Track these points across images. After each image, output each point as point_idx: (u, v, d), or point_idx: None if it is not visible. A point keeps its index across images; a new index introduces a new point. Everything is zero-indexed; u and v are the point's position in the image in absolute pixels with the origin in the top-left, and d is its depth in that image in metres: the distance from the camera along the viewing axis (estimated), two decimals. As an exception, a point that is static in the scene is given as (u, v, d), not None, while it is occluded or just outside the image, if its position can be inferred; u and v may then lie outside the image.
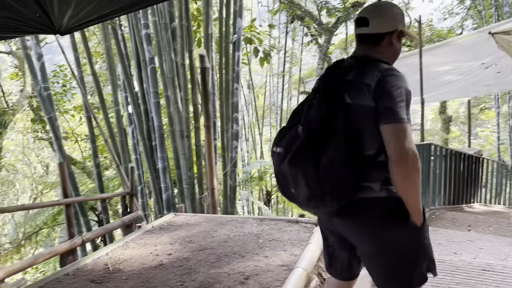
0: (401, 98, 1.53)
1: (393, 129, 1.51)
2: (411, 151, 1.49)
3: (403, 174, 1.52)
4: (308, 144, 1.60)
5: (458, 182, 7.60)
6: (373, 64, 1.64)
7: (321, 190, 1.57)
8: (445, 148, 7.05)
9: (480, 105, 31.63)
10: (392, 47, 1.73)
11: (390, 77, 1.57)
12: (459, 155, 7.58)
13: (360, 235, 1.70)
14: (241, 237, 3.12)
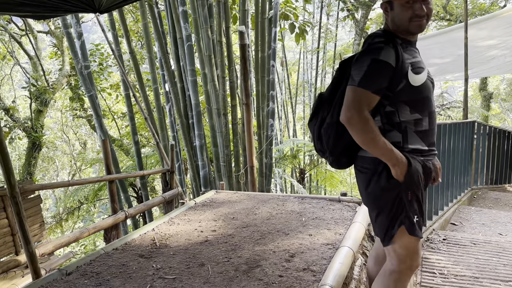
0: (363, 64, 1.72)
1: (346, 92, 1.75)
2: (354, 113, 1.69)
3: (352, 133, 1.75)
4: (316, 108, 1.98)
5: (502, 161, 7.35)
6: (371, 38, 1.84)
7: (321, 146, 1.97)
8: (488, 126, 6.79)
9: (522, 80, 30.19)
10: (388, 17, 1.86)
11: (364, 46, 1.81)
12: (503, 133, 7.31)
13: (359, 187, 1.96)
14: (284, 215, 3.12)
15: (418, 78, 1.76)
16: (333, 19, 14.51)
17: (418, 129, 1.81)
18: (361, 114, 1.69)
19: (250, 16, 7.54)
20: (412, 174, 1.76)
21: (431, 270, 3.23)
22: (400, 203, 1.79)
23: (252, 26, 8.12)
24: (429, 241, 3.82)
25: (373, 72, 1.69)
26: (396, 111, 1.79)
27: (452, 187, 5.18)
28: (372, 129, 1.70)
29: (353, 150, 1.90)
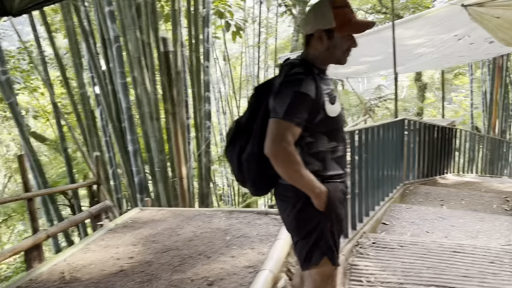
0: (286, 98, 1.68)
1: (269, 124, 1.70)
2: (279, 146, 1.67)
3: (276, 167, 1.71)
4: (234, 135, 1.92)
5: (432, 154, 7.65)
6: (288, 66, 1.80)
7: (242, 177, 1.92)
8: (418, 121, 7.03)
9: (454, 70, 31.92)
10: (315, 49, 1.81)
11: (287, 79, 1.73)
12: (432, 128, 7.60)
13: (281, 213, 1.94)
14: (208, 234, 3.01)
15: (334, 109, 1.81)
16: (273, 14, 14.51)
17: (335, 156, 1.88)
18: (287, 148, 1.68)
19: (183, 15, 7.29)
20: (332, 204, 1.81)
21: (359, 278, 3.25)
22: (320, 232, 1.81)
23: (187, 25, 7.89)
24: (359, 246, 3.86)
25: (296, 104, 1.69)
26: (315, 142, 1.82)
27: (383, 186, 5.30)
28: (297, 161, 1.71)
29: (274, 179, 1.88)
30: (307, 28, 1.82)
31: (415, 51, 7.35)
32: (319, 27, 1.77)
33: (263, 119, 1.77)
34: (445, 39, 6.98)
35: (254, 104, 1.89)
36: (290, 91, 1.69)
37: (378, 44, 6.67)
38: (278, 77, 1.82)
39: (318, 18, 1.78)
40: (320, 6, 1.81)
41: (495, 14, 5.96)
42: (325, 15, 1.76)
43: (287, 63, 1.83)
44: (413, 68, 9.22)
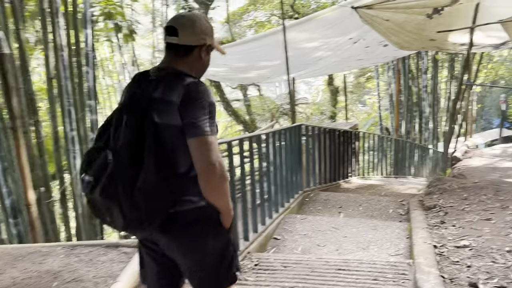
0: (203, 111, 1.59)
1: (198, 143, 1.56)
2: (218, 163, 1.57)
3: (212, 185, 1.60)
4: (119, 172, 1.55)
5: (334, 158, 7.55)
6: (178, 78, 1.64)
7: (138, 216, 1.57)
8: (317, 126, 6.86)
9: (366, 74, 33.43)
10: (200, 60, 1.75)
11: (193, 92, 1.60)
12: (333, 132, 7.50)
13: (182, 247, 1.70)
14: (33, 279, 2.40)
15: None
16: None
17: None
18: (222, 165, 1.61)
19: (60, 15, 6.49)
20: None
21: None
22: (232, 250, 1.79)
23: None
24: (239, 271, 3.46)
25: (212, 116, 1.63)
26: None
27: (278, 195, 4.98)
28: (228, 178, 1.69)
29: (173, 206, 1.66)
30: (190, 39, 1.70)
31: (313, 55, 7.20)
32: (207, 41, 1.73)
33: (157, 137, 1.58)
34: (341, 43, 6.89)
35: (132, 122, 1.60)
36: (204, 103, 1.61)
37: (276, 49, 6.39)
38: (165, 89, 1.63)
39: (208, 31, 1.74)
40: (205, 19, 1.81)
41: (384, 17, 5.93)
42: (209, 29, 1.75)
43: (175, 74, 1.67)
44: (316, 72, 9.16)
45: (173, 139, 1.61)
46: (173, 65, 1.71)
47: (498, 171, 6.58)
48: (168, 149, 1.60)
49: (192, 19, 1.74)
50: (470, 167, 7.05)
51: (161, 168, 1.56)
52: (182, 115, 1.58)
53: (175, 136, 1.60)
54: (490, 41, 6.75)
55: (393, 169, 10.71)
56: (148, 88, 1.66)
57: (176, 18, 1.78)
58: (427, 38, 6.60)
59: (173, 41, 1.69)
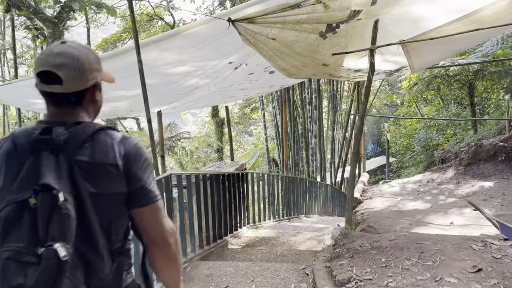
0: (150, 171, 1.43)
1: (151, 211, 1.39)
2: (172, 229, 1.44)
3: (170, 256, 1.43)
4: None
5: (219, 210, 6.07)
6: (102, 134, 1.36)
7: None
8: (194, 174, 5.33)
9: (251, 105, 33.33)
10: (96, 103, 1.47)
11: (133, 149, 1.38)
12: (216, 178, 6.04)
13: None
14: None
15: None
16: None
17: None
18: (175, 230, 1.47)
19: None
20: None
21: None
22: None
23: None
24: None
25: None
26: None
27: None
28: None
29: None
30: (79, 83, 1.33)
31: (185, 82, 5.71)
32: (98, 77, 1.42)
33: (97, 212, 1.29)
34: (219, 68, 5.53)
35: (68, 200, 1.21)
36: (148, 161, 1.43)
37: (135, 74, 4.71)
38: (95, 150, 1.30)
39: (95, 66, 1.39)
40: (88, 48, 1.42)
41: (270, 35, 4.70)
42: (97, 62, 1.42)
43: (90, 128, 1.34)
44: (194, 104, 7.68)
45: (112, 211, 1.33)
46: (69, 117, 1.35)
47: (406, 216, 5.68)
48: (105, 225, 1.32)
49: (74, 56, 1.32)
50: (374, 212, 6.09)
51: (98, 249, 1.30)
52: (129, 179, 1.34)
53: (116, 206, 1.34)
54: (386, 66, 5.98)
55: (285, 209, 9.58)
56: (67, 150, 1.26)
57: (51, 58, 1.29)
58: (320, 62, 5.56)
59: (56, 90, 1.30)
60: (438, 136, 14.92)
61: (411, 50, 5.10)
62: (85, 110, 1.41)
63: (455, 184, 7.21)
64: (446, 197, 6.64)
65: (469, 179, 7.25)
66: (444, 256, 3.81)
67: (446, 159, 12.72)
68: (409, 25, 4.95)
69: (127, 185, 1.33)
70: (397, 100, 26.64)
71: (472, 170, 7.46)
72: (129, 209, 1.38)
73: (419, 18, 4.84)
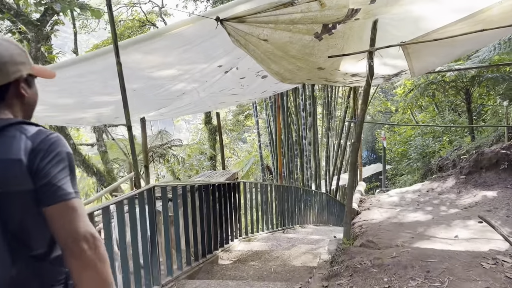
0: (63, 167, 1.27)
1: (60, 210, 1.23)
2: (89, 233, 1.25)
3: (84, 265, 1.23)
4: None
5: (208, 223, 5.70)
6: (13, 129, 1.26)
7: None
8: (180, 185, 4.97)
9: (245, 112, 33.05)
10: (23, 98, 1.38)
11: (44, 143, 1.26)
12: (205, 188, 5.68)
13: None
14: None
15: None
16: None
17: None
18: (95, 235, 1.26)
19: None
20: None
21: None
22: None
23: None
24: None
25: (73, 171, 1.31)
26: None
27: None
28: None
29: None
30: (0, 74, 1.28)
31: (172, 87, 5.37)
32: (22, 72, 1.33)
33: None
34: (208, 71, 5.20)
35: None
36: (63, 156, 1.28)
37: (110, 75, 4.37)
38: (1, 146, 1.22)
39: (17, 59, 1.32)
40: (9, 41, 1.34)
41: (261, 36, 4.38)
42: (21, 55, 1.34)
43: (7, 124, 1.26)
44: (183, 110, 7.31)
45: (20, 211, 1.22)
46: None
47: (407, 229, 5.35)
48: (13, 227, 1.21)
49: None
50: (373, 224, 5.74)
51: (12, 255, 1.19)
52: (35, 176, 1.22)
53: (24, 206, 1.23)
54: (385, 71, 5.68)
55: (279, 220, 9.22)
56: None
57: None
58: (315, 66, 5.25)
59: None
60: (435, 143, 14.66)
61: (412, 53, 4.80)
62: (9, 107, 1.34)
63: (456, 194, 6.90)
64: (447, 208, 6.32)
65: (470, 188, 6.94)
66: (453, 276, 3.48)
67: (443, 166, 12.46)
68: (410, 26, 4.65)
69: (32, 181, 1.23)
70: (392, 107, 26.47)
71: (473, 179, 7.15)
72: (39, 208, 1.25)
73: (420, 18, 4.55)
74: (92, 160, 10.76)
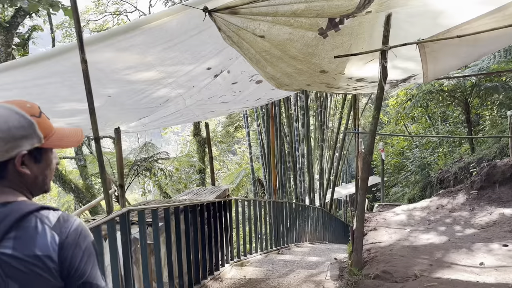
0: (93, 261, 1.17)
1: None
2: None
3: None
4: None
5: (195, 248, 4.99)
6: (33, 218, 1.10)
7: None
8: (162, 207, 4.25)
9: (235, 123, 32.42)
10: (24, 177, 1.17)
11: (71, 236, 1.13)
12: (192, 209, 4.98)
13: None
14: None
15: None
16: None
17: None
18: None
19: None
20: None
21: None
22: None
23: None
24: None
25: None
26: None
27: None
28: None
29: None
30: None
31: (154, 93, 4.68)
32: (21, 150, 1.14)
33: None
34: (195, 75, 4.52)
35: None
36: (92, 248, 1.18)
37: (77, 76, 3.64)
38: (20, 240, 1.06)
39: (13, 136, 1.12)
40: (14, 111, 1.14)
41: (257, 31, 3.73)
42: (19, 129, 1.13)
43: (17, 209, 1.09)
44: (169, 121, 6.57)
45: None
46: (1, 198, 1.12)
47: (423, 254, 4.68)
48: None
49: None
50: (383, 248, 5.07)
51: None
52: (67, 275, 1.11)
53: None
54: (393, 75, 5.05)
55: (273, 240, 8.50)
56: None
57: None
58: (317, 68, 4.60)
59: None
60: (433, 155, 14.11)
61: (429, 53, 4.19)
62: (13, 186, 1.16)
63: (469, 212, 6.27)
64: (462, 228, 5.68)
65: (484, 205, 6.31)
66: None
67: (444, 179, 11.89)
68: (427, 22, 4.04)
69: (65, 280, 1.11)
70: (384, 118, 26.03)
71: (486, 194, 6.54)
72: None
73: (439, 13, 3.94)
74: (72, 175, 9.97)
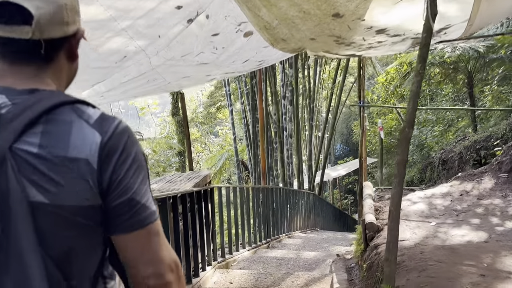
0: (143, 176, 0.89)
1: (146, 237, 0.88)
2: (174, 262, 0.92)
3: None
4: None
5: (177, 243, 3.77)
6: (67, 110, 0.83)
7: None
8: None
9: (216, 103, 31.08)
10: (74, 62, 0.96)
11: (117, 139, 0.85)
12: (161, 202, 3.75)
13: None
14: None
15: None
16: None
17: None
18: (179, 264, 0.94)
19: None
20: None
21: None
22: None
23: None
24: None
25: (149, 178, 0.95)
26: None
27: None
28: None
29: None
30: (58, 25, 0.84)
31: (104, 44, 3.37)
32: (78, 26, 0.91)
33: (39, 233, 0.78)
34: (160, 16, 3.23)
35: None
36: (143, 160, 0.90)
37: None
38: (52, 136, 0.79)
39: (77, 5, 0.90)
40: None
41: None
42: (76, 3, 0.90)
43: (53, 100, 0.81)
44: (133, 89, 5.19)
45: (73, 233, 0.82)
46: (22, 80, 0.83)
47: (467, 259, 3.57)
48: (59, 253, 0.81)
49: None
50: (408, 248, 3.95)
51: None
52: (108, 187, 0.83)
53: (76, 226, 0.81)
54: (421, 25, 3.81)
55: (262, 231, 7.35)
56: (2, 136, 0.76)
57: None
58: (330, 10, 3.34)
59: (20, 35, 0.80)
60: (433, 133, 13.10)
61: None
62: (53, 74, 0.89)
63: (502, 198, 5.20)
64: (501, 220, 4.60)
65: (519, 190, 5.25)
66: None
67: (448, 160, 10.92)
68: None
69: (104, 195, 0.83)
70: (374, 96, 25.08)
71: (519, 177, 5.48)
72: (108, 233, 0.87)
73: None
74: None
